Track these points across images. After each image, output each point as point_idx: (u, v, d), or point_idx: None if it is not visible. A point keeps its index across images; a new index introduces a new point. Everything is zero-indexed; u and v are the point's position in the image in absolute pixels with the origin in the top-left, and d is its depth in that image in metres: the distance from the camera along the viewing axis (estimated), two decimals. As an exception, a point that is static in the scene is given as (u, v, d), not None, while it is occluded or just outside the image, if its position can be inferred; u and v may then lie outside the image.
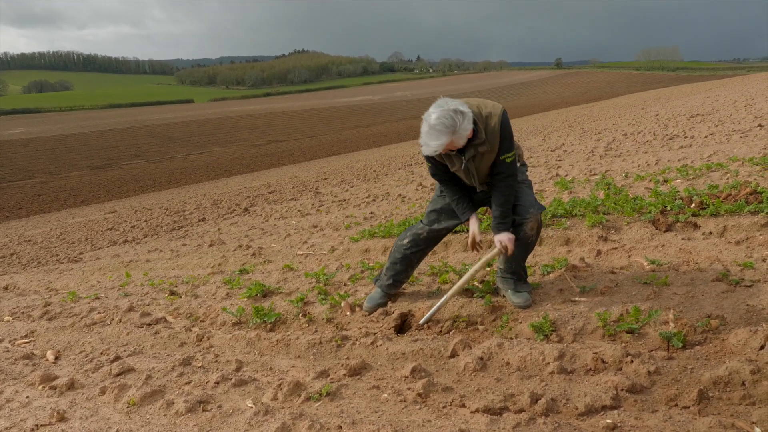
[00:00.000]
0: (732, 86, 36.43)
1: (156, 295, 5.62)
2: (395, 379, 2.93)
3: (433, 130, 3.08)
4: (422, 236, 3.84)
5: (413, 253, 3.89)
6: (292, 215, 10.66)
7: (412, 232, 3.90)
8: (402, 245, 3.91)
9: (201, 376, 3.31)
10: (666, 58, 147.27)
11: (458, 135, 3.11)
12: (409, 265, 3.95)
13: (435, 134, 3.08)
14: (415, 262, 3.96)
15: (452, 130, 3.07)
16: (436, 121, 3.06)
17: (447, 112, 3.06)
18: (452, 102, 3.15)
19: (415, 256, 3.92)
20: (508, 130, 3.32)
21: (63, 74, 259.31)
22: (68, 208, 24.41)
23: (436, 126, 3.06)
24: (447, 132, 3.07)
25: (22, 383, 3.63)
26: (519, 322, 3.35)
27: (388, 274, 3.99)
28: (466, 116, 3.11)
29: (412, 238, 3.87)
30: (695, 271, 3.63)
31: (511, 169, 3.40)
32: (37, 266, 10.00)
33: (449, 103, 3.13)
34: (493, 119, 3.26)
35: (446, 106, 3.10)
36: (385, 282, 3.99)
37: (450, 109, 3.07)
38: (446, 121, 3.05)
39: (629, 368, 2.61)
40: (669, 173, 7.37)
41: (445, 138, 3.08)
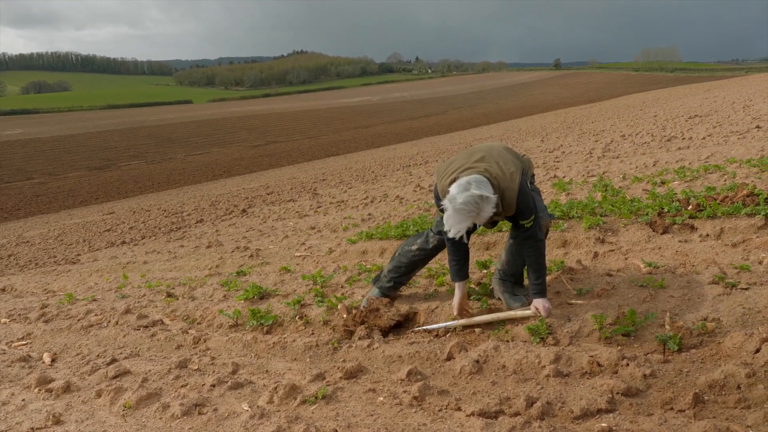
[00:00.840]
0: (730, 87, 36.48)
1: (153, 297, 5.61)
2: (391, 382, 2.93)
3: (457, 213, 3.08)
4: (432, 244, 3.88)
5: (420, 259, 3.96)
6: (290, 216, 10.65)
7: (421, 240, 3.94)
8: (410, 251, 3.95)
9: (197, 378, 3.31)
10: (665, 59, 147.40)
11: (480, 218, 3.13)
12: (413, 270, 4.03)
13: (459, 218, 3.10)
14: (419, 267, 4.05)
15: (476, 215, 3.09)
16: (462, 206, 3.06)
17: (473, 198, 3.06)
18: (476, 183, 3.14)
19: (422, 262, 4.00)
20: (526, 201, 3.32)
21: (61, 75, 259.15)
22: (66, 209, 24.40)
23: (461, 211, 3.07)
24: (471, 216, 3.09)
25: (18, 386, 3.62)
26: (515, 325, 3.35)
27: (389, 276, 4.03)
28: (490, 202, 3.11)
29: (421, 246, 3.92)
30: (692, 273, 3.63)
31: (532, 231, 3.39)
32: (35, 268, 9.99)
33: (473, 187, 3.11)
34: (509, 193, 3.26)
35: (472, 191, 3.09)
36: (386, 284, 4.03)
37: (476, 195, 3.07)
38: (471, 207, 3.06)
39: (625, 371, 2.61)
40: (667, 175, 7.37)
41: (468, 222, 3.11)
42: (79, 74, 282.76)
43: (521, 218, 3.35)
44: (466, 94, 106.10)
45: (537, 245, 3.40)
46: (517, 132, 27.22)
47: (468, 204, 3.05)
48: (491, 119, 50.40)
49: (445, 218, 3.16)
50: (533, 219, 3.37)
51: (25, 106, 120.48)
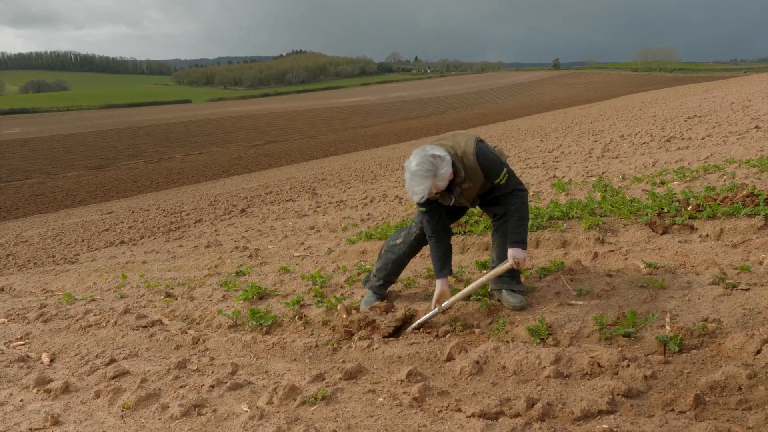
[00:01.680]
0: (729, 87, 36.49)
1: (152, 297, 5.60)
2: (391, 383, 2.92)
3: (415, 176, 3.24)
4: (415, 237, 3.91)
5: (406, 253, 3.98)
6: (289, 216, 10.64)
7: (404, 234, 4.00)
8: (395, 245, 3.99)
9: (196, 379, 3.30)
10: (663, 59, 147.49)
11: (439, 178, 3.26)
12: (401, 265, 4.05)
13: (418, 180, 3.24)
14: (406, 262, 4.07)
15: (433, 174, 3.23)
16: (417, 167, 3.22)
17: (425, 158, 3.23)
18: (429, 148, 3.32)
19: (407, 256, 4.02)
20: (488, 159, 3.41)
21: (60, 74, 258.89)
22: (65, 209, 24.36)
23: (418, 172, 3.23)
24: (428, 176, 3.23)
25: (17, 386, 3.61)
26: (515, 326, 3.34)
27: (378, 275, 4.05)
28: (444, 159, 3.26)
29: (404, 240, 3.98)
30: (692, 274, 3.62)
31: (511, 185, 3.49)
32: (34, 267, 9.97)
33: (426, 150, 3.29)
34: (468, 157, 3.38)
35: (424, 153, 3.26)
36: (376, 283, 4.06)
37: (428, 155, 3.24)
38: (426, 166, 3.22)
39: (625, 372, 2.61)
40: (666, 175, 7.37)
41: (427, 182, 3.24)
42: (78, 74, 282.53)
43: (493, 177, 3.44)
44: (465, 94, 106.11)
45: (520, 195, 3.49)
46: (516, 132, 27.22)
47: (422, 164, 3.21)
48: (490, 119, 50.41)
49: (407, 185, 3.31)
50: (505, 173, 3.44)
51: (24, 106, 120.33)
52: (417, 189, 3.26)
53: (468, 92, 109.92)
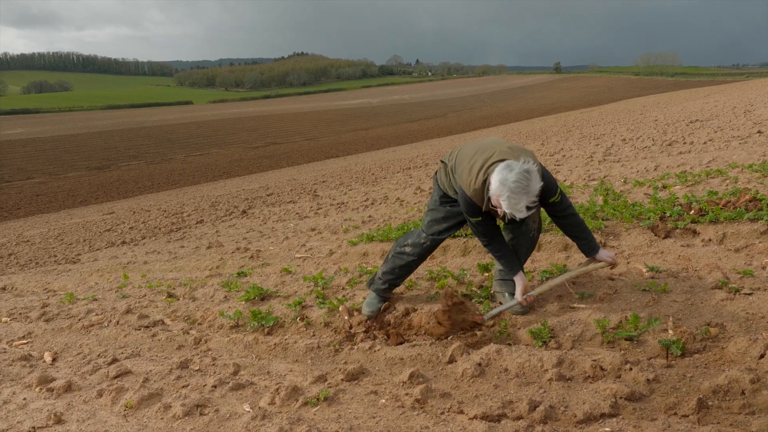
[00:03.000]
0: (731, 92, 36.50)
1: (154, 297, 5.60)
2: (393, 385, 2.92)
3: (514, 193, 3.02)
4: (425, 245, 3.82)
5: (414, 261, 3.90)
6: (291, 218, 10.64)
7: (413, 240, 3.88)
8: (404, 253, 3.90)
9: (198, 379, 3.30)
10: (665, 64, 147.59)
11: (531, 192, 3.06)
12: (408, 272, 3.98)
13: (517, 197, 3.02)
14: (414, 269, 4.00)
15: (527, 189, 3.03)
16: (514, 184, 3.01)
17: (521, 173, 3.02)
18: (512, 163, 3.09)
19: (416, 264, 3.95)
20: (548, 180, 3.31)
21: (62, 75, 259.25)
22: (66, 209, 24.39)
23: (517, 188, 3.01)
24: (524, 191, 3.02)
25: (20, 385, 3.61)
26: (518, 328, 3.35)
27: (384, 278, 3.98)
28: (534, 174, 3.08)
29: (413, 247, 3.87)
30: (694, 278, 3.63)
31: (565, 203, 3.43)
32: (35, 267, 9.98)
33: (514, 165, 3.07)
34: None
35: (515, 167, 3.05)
36: (381, 286, 3.99)
37: (523, 169, 3.03)
38: (523, 182, 3.01)
39: (628, 376, 2.61)
40: (668, 179, 7.37)
41: (524, 199, 3.04)
42: (80, 74, 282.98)
43: (549, 196, 3.34)
44: (466, 97, 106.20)
45: (574, 213, 3.45)
46: (517, 135, 27.22)
47: (520, 180, 3.00)
48: (491, 122, 50.43)
49: (505, 206, 3.06)
50: (560, 193, 3.39)
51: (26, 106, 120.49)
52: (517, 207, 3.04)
53: (469, 95, 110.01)
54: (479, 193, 3.24)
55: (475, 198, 3.28)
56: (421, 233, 3.85)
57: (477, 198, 3.27)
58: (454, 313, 3.28)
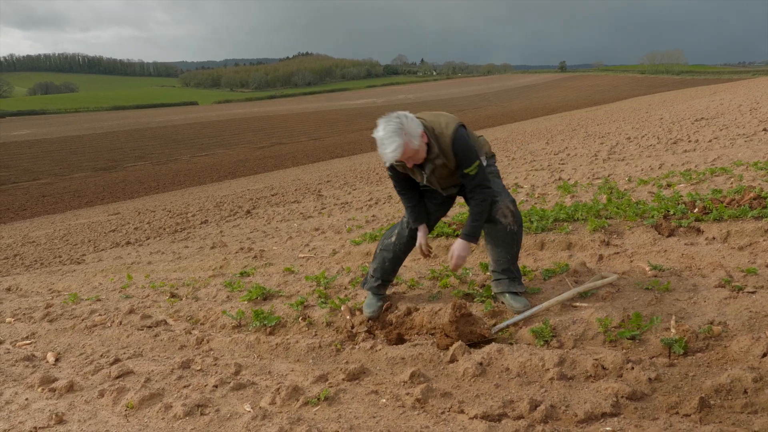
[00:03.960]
0: (737, 90, 36.33)
1: (157, 297, 5.61)
2: (394, 384, 2.92)
3: (384, 139, 3.21)
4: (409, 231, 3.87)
5: (401, 250, 3.92)
6: (294, 218, 10.65)
7: (398, 229, 3.94)
8: (390, 243, 3.93)
9: (200, 379, 3.30)
10: (671, 62, 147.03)
11: (409, 135, 3.22)
12: (397, 263, 3.99)
13: (387, 142, 3.20)
14: (402, 259, 4.01)
15: (401, 131, 3.20)
16: (384, 131, 3.21)
17: (389, 119, 3.24)
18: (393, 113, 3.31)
19: (404, 254, 3.96)
20: (462, 145, 3.39)
21: (68, 76, 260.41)
22: (72, 210, 24.48)
23: (386, 136, 3.20)
24: (397, 134, 3.19)
25: (22, 385, 3.62)
26: (519, 327, 3.33)
27: (376, 275, 3.99)
28: (408, 117, 3.28)
29: (398, 236, 3.92)
30: (698, 276, 3.60)
31: (478, 179, 3.45)
32: (40, 267, 10.02)
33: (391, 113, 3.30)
34: (445, 139, 3.38)
35: (388, 116, 3.28)
36: (374, 284, 3.99)
37: (391, 116, 3.26)
38: (391, 126, 3.20)
39: (630, 375, 2.59)
40: (672, 177, 7.33)
41: (398, 140, 3.19)
42: (85, 75, 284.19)
43: (464, 166, 3.40)
44: (471, 96, 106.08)
45: (484, 192, 3.46)
46: (522, 134, 27.17)
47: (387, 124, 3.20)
48: (496, 121, 50.35)
49: (379, 152, 3.26)
50: (477, 166, 3.41)
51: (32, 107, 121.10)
52: (389, 150, 3.20)
53: (474, 94, 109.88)
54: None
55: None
56: (403, 222, 3.91)
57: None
58: (461, 325, 3.26)
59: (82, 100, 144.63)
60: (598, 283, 3.57)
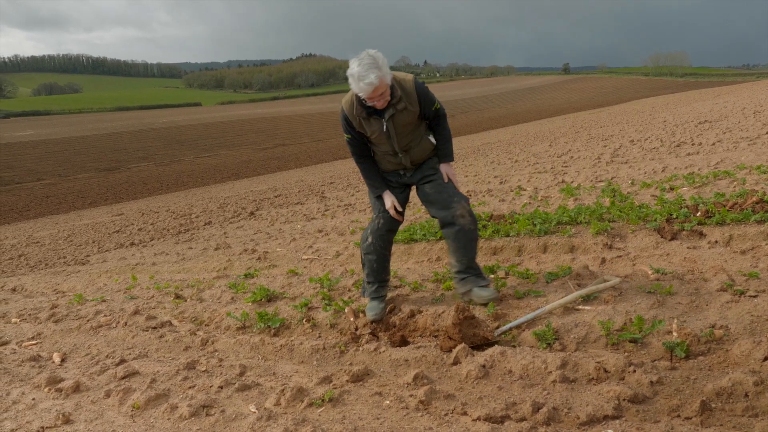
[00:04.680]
0: (741, 92, 36.28)
1: (161, 298, 5.65)
2: (398, 386, 2.94)
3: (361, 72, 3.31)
4: (381, 224, 3.95)
5: (383, 245, 3.98)
6: (298, 219, 10.69)
7: (370, 229, 4.03)
8: (369, 244, 3.99)
9: (205, 380, 3.33)
10: (675, 64, 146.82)
11: (383, 70, 3.35)
12: (385, 260, 4.04)
13: (365, 73, 3.30)
14: (388, 256, 4.05)
15: (377, 64, 3.33)
16: (360, 66, 3.32)
17: (362, 56, 3.35)
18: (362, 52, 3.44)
19: (385, 249, 4.01)
20: (424, 88, 3.68)
21: (72, 77, 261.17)
22: (76, 210, 24.58)
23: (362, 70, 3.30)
24: (374, 66, 3.31)
25: (29, 385, 3.66)
26: (522, 330, 3.35)
27: (369, 279, 4.05)
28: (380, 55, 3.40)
29: (372, 234, 3.99)
30: (700, 280, 3.62)
31: (443, 111, 3.86)
32: (45, 268, 10.07)
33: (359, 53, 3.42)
34: (407, 83, 3.61)
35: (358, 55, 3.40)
36: (372, 290, 4.04)
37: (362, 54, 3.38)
38: (367, 61, 3.32)
39: (632, 378, 2.61)
40: (675, 181, 7.35)
41: (375, 71, 3.30)
42: (89, 76, 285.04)
43: (429, 105, 3.70)
44: (474, 98, 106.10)
45: (445, 118, 3.89)
46: (525, 136, 27.19)
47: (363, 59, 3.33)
48: (499, 123, 50.37)
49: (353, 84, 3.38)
50: (439, 103, 3.78)
51: (37, 108, 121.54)
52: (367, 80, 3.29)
53: (477, 96, 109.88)
54: (349, 102, 3.62)
55: (346, 107, 3.65)
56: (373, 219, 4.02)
57: (348, 107, 3.63)
58: (464, 328, 3.28)
59: (86, 101, 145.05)
60: (600, 286, 3.59)
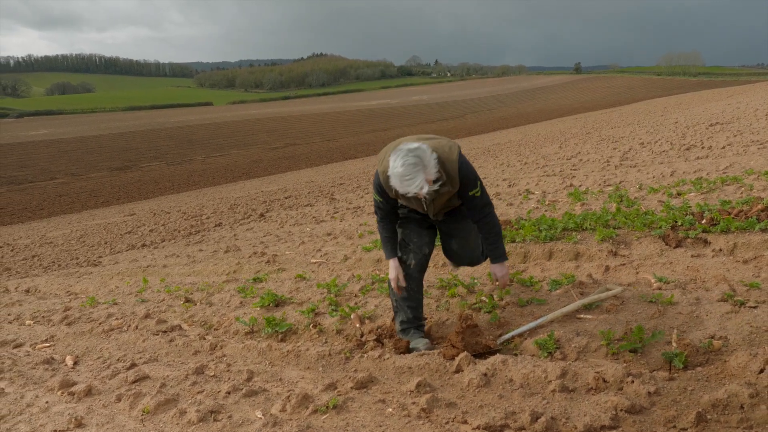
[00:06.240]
0: (754, 93, 35.97)
1: (172, 302, 5.75)
2: (401, 393, 3.00)
3: (404, 176, 3.12)
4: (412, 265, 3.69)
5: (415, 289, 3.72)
6: (307, 222, 10.78)
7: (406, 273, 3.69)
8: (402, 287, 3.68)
9: (213, 385, 3.41)
10: (688, 64, 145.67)
11: (428, 169, 3.17)
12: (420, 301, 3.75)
13: (409, 178, 3.12)
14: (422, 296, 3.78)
15: (420, 165, 3.13)
16: (403, 167, 3.11)
17: (405, 153, 3.14)
18: (404, 144, 3.24)
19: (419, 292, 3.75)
20: (467, 169, 3.43)
21: (85, 76, 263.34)
22: (89, 210, 24.85)
23: (406, 172, 3.11)
24: (418, 169, 3.12)
25: (42, 388, 3.76)
26: (524, 339, 3.41)
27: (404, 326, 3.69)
28: (425, 150, 3.19)
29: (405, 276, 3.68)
30: (701, 290, 3.65)
31: (484, 200, 3.56)
32: (58, 269, 10.23)
33: (403, 147, 3.20)
34: (450, 164, 3.36)
35: (403, 149, 3.17)
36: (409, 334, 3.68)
37: (403, 149, 3.17)
38: (410, 161, 3.11)
39: (630, 388, 2.65)
40: (683, 186, 7.35)
41: (420, 175, 3.13)
42: (102, 76, 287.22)
43: (469, 189, 3.47)
44: (485, 97, 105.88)
45: (491, 210, 3.62)
46: (535, 137, 27.15)
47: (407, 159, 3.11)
48: (510, 123, 50.26)
49: (397, 185, 3.18)
50: (480, 188, 3.51)
51: (50, 107, 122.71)
52: (412, 187, 3.13)
53: (488, 96, 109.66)
54: (384, 175, 3.37)
55: (382, 176, 3.42)
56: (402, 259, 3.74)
57: (384, 179, 3.40)
58: (467, 336, 3.33)
59: (98, 101, 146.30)
60: (602, 295, 3.64)
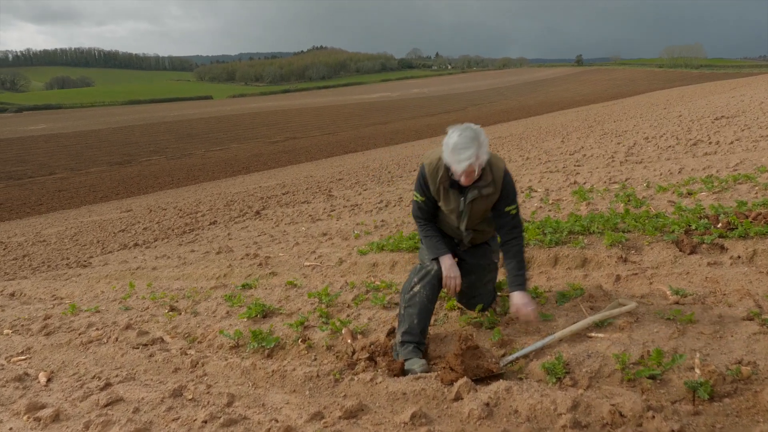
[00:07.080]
0: (758, 85, 35.54)
1: (156, 310, 5.46)
2: (393, 425, 2.71)
3: (458, 145, 3.12)
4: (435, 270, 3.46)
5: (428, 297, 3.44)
6: (303, 220, 10.47)
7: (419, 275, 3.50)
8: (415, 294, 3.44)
9: (190, 411, 3.12)
10: (689, 56, 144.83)
11: (482, 149, 3.15)
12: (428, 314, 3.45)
13: (463, 148, 3.12)
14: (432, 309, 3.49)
15: (477, 141, 3.13)
16: (460, 137, 3.13)
17: (464, 127, 3.19)
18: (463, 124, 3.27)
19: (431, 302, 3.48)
20: (511, 181, 3.41)
21: (84, 70, 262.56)
22: (87, 205, 24.61)
23: (461, 142, 3.12)
24: (474, 142, 3.12)
25: (8, 411, 3.48)
26: (530, 360, 3.11)
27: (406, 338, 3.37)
28: (481, 131, 3.21)
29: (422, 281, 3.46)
30: (723, 305, 3.35)
31: (516, 222, 3.46)
32: (47, 270, 9.94)
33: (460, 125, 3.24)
34: (498, 170, 3.35)
35: (460, 126, 3.22)
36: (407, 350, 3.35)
37: (466, 125, 3.21)
38: (469, 133, 3.14)
39: (650, 425, 2.36)
40: (693, 184, 7.03)
41: (473, 148, 3.11)
42: (101, 70, 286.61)
43: (507, 203, 3.40)
44: (486, 90, 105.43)
45: (522, 236, 3.48)
46: (537, 130, 26.79)
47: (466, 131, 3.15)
48: (511, 116, 49.88)
49: (447, 158, 3.20)
50: (517, 207, 3.45)
51: (49, 102, 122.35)
52: (464, 155, 3.11)
53: (489, 88, 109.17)
54: (433, 166, 3.37)
55: (428, 170, 3.40)
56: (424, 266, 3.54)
57: (430, 170, 3.38)
58: (467, 359, 3.00)
59: (97, 95, 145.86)
60: (615, 311, 3.33)
